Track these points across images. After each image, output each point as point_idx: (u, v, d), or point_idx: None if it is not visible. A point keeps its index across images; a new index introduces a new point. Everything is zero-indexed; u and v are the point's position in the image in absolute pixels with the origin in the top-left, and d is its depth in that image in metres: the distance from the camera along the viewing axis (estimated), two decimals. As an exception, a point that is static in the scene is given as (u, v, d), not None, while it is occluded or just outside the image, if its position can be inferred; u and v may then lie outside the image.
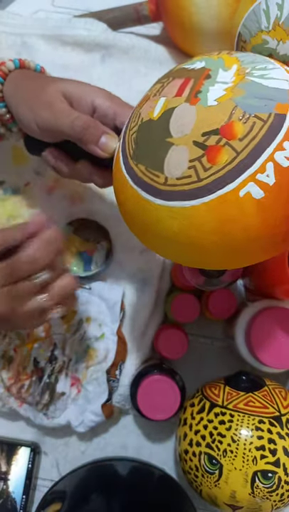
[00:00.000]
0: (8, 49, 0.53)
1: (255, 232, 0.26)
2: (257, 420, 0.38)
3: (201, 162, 0.25)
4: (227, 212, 0.25)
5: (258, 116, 0.25)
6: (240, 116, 0.25)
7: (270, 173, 0.25)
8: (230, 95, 0.25)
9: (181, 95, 0.27)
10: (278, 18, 0.38)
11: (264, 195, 0.25)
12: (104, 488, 0.44)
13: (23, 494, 0.47)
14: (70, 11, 0.56)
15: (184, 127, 0.26)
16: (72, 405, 0.46)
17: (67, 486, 0.45)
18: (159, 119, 0.27)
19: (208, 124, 0.25)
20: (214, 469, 0.38)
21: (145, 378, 0.43)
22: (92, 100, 0.35)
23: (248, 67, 0.27)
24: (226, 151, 0.25)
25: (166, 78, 0.29)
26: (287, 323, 0.41)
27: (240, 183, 0.25)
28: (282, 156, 0.25)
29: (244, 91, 0.25)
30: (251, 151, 0.24)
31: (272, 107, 0.25)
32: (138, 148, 0.28)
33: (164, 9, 0.49)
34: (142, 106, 0.29)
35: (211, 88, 0.26)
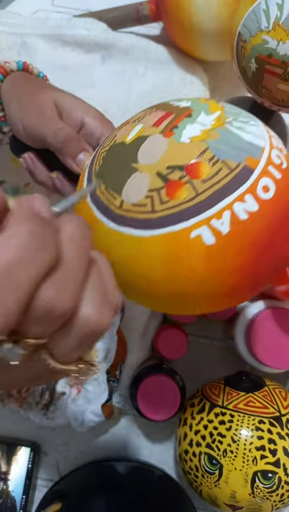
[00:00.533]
0: (8, 49, 0.53)
1: (201, 277, 0.25)
2: (257, 420, 0.38)
3: (160, 194, 0.25)
4: (175, 251, 0.25)
5: (226, 162, 0.25)
6: (209, 158, 0.25)
7: (225, 222, 0.24)
8: (204, 137, 0.26)
9: (158, 126, 0.27)
10: (278, 18, 0.38)
11: (215, 242, 0.25)
12: (104, 488, 0.45)
13: (23, 494, 0.47)
14: (69, 11, 0.56)
15: (152, 156, 0.26)
16: (72, 405, 0.46)
17: (67, 486, 0.45)
18: (131, 144, 0.27)
19: (175, 159, 0.25)
20: (214, 469, 0.38)
21: (145, 378, 0.43)
22: (82, 116, 0.35)
23: (230, 116, 0.27)
24: (186, 188, 0.25)
25: (150, 108, 0.30)
26: (287, 324, 0.41)
27: (194, 224, 0.24)
28: (241, 207, 0.24)
29: (219, 135, 0.26)
30: (212, 195, 0.24)
31: (243, 158, 0.25)
32: (104, 166, 0.28)
33: (164, 9, 0.49)
34: (120, 128, 0.29)
35: (188, 126, 0.26)
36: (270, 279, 0.29)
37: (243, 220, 0.24)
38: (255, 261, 0.26)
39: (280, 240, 0.26)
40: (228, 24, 0.44)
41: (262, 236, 0.25)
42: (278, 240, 0.26)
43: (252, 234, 0.25)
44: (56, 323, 0.16)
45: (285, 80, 0.40)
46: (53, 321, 0.16)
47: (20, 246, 0.15)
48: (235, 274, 0.26)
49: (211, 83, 0.53)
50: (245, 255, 0.25)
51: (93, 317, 0.17)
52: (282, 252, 0.27)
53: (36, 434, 0.49)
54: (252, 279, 0.27)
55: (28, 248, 0.15)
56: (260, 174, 0.25)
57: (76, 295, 0.17)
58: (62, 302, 0.16)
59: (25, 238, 0.15)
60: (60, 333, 0.17)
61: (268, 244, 0.26)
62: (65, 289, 0.16)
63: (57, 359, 0.18)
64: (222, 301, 0.28)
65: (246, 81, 0.42)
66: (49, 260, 0.15)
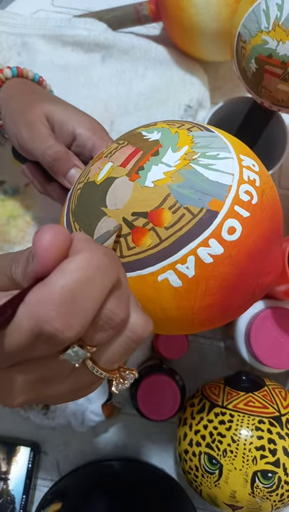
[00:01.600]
0: (8, 49, 0.53)
1: (172, 314, 0.26)
2: (257, 420, 0.38)
3: (126, 240, 0.25)
4: (145, 292, 0.26)
5: (188, 208, 0.25)
6: (171, 205, 0.25)
7: (190, 266, 0.24)
8: (167, 180, 0.25)
9: (126, 166, 0.27)
10: (278, 19, 0.38)
11: (181, 285, 0.25)
12: (104, 487, 0.45)
13: (23, 494, 0.47)
14: (70, 11, 0.56)
15: (118, 201, 0.26)
16: (72, 405, 0.46)
17: (67, 486, 0.45)
18: (100, 185, 0.27)
19: (139, 205, 0.25)
20: (214, 469, 0.38)
21: (145, 378, 0.43)
22: (73, 129, 0.35)
23: (198, 152, 0.26)
24: (150, 235, 0.25)
25: (122, 140, 0.30)
26: (287, 323, 0.41)
27: (160, 269, 0.25)
28: (205, 252, 0.24)
29: (183, 179, 0.25)
30: (175, 241, 0.24)
31: (206, 202, 0.25)
32: (78, 207, 0.28)
33: (164, 10, 0.49)
34: (94, 163, 0.29)
35: (153, 167, 0.26)
36: (244, 309, 0.30)
37: (208, 263, 0.25)
38: (224, 299, 0.26)
39: (249, 277, 0.26)
40: (228, 24, 0.44)
41: (229, 277, 0.25)
42: (247, 278, 0.26)
43: (218, 276, 0.25)
44: (113, 331, 0.19)
45: (285, 80, 0.40)
46: (112, 329, 0.19)
47: (98, 265, 0.18)
48: (205, 310, 0.26)
49: (211, 83, 0.53)
50: (213, 295, 0.26)
51: (140, 323, 0.20)
52: (253, 287, 0.27)
53: (36, 434, 0.49)
54: (223, 313, 0.28)
55: (103, 267, 0.18)
56: (225, 216, 0.25)
57: (128, 306, 0.20)
58: (121, 312, 0.19)
59: (102, 259, 0.18)
60: (111, 342, 0.19)
61: (236, 284, 0.26)
62: (123, 302, 0.19)
63: (101, 367, 0.20)
64: (196, 329, 0.29)
65: (246, 81, 0.42)
66: (115, 278, 0.18)
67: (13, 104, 0.37)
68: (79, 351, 0.18)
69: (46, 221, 0.49)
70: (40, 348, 0.17)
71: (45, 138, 0.34)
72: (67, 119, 0.35)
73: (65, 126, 0.35)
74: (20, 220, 0.49)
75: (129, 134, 0.30)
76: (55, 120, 0.35)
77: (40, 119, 0.35)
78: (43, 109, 0.35)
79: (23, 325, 0.16)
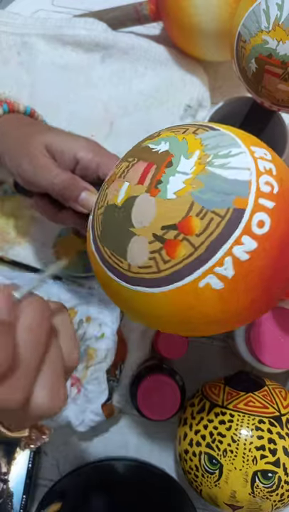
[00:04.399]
0: (8, 49, 0.53)
1: (213, 317, 0.27)
2: (257, 420, 0.38)
3: (161, 255, 0.26)
4: (185, 302, 0.26)
5: (215, 212, 0.25)
6: (198, 211, 0.25)
7: (228, 267, 0.25)
8: (188, 189, 0.25)
9: (143, 183, 0.27)
10: (278, 19, 0.38)
11: (223, 287, 0.25)
12: (104, 487, 0.45)
13: (23, 494, 0.47)
14: (70, 11, 0.56)
15: (144, 219, 0.26)
16: (72, 405, 0.46)
17: (67, 486, 0.46)
18: (123, 207, 0.27)
19: (166, 218, 0.25)
20: (214, 469, 0.38)
21: (145, 378, 0.43)
22: (74, 154, 0.35)
23: (210, 153, 0.26)
24: (183, 245, 0.25)
25: (132, 157, 0.29)
26: (287, 323, 0.41)
27: (199, 276, 0.25)
28: (240, 250, 0.25)
29: (203, 184, 0.25)
30: (209, 246, 0.25)
31: (231, 201, 0.25)
32: (104, 231, 0.29)
33: (164, 10, 0.49)
34: (110, 185, 0.29)
35: (171, 179, 0.26)
36: (283, 296, 0.30)
37: (245, 260, 0.25)
38: (266, 291, 0.27)
39: (285, 264, 0.27)
40: (228, 24, 0.44)
41: (268, 268, 0.26)
42: (284, 266, 0.27)
43: (257, 270, 0.25)
44: (12, 413, 0.18)
45: (285, 80, 0.40)
46: (7, 412, 0.18)
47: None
48: (249, 307, 0.27)
49: (211, 83, 0.53)
50: (256, 289, 0.26)
51: (46, 403, 0.19)
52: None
53: (36, 434, 0.49)
54: (265, 306, 0.28)
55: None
56: (252, 212, 0.25)
57: (28, 389, 0.18)
58: (14, 399, 0.18)
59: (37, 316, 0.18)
60: (12, 415, 0.19)
61: (274, 274, 0.26)
62: (17, 388, 0.18)
63: (9, 430, 0.20)
64: (234, 327, 0.30)
65: (246, 81, 0.42)
66: (2, 365, 0.17)
67: (9, 140, 0.37)
68: None
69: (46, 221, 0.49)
70: None
71: (49, 168, 0.34)
72: (66, 145, 0.35)
73: (66, 152, 0.35)
74: (20, 220, 0.49)
75: (136, 150, 0.30)
76: (55, 149, 0.35)
77: (40, 151, 0.35)
78: (41, 141, 0.35)
79: None
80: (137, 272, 0.27)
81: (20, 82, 0.52)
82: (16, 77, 0.52)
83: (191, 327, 0.28)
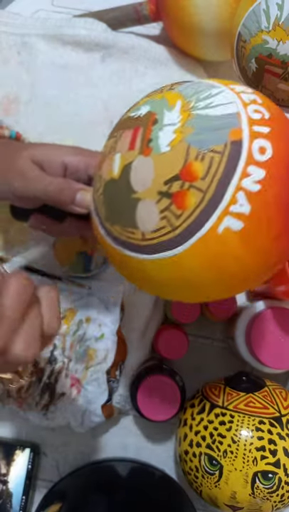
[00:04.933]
0: (8, 49, 0.53)
1: (249, 262, 0.26)
2: (257, 421, 0.38)
3: (171, 210, 0.25)
4: (212, 251, 0.25)
5: (214, 150, 0.24)
6: (196, 155, 0.24)
7: (243, 203, 0.24)
8: (180, 137, 0.25)
9: (134, 148, 0.27)
10: (278, 18, 0.38)
11: (243, 225, 0.24)
12: (104, 488, 0.45)
13: (22, 495, 0.47)
14: (70, 11, 0.56)
15: (145, 181, 0.25)
16: (72, 406, 0.46)
17: (67, 487, 0.45)
18: (120, 178, 0.27)
19: (167, 172, 0.25)
20: (214, 470, 0.38)
21: (145, 379, 0.43)
22: (61, 160, 0.35)
23: (191, 100, 0.26)
24: (191, 193, 0.24)
25: (116, 131, 0.29)
26: (287, 324, 0.41)
27: (216, 220, 0.24)
28: (249, 181, 0.24)
29: (193, 128, 0.25)
30: (217, 187, 0.24)
31: (226, 135, 0.24)
32: (108, 210, 0.28)
33: (164, 9, 0.49)
34: (101, 166, 0.29)
35: (160, 134, 0.26)
36: None
37: (257, 190, 0.24)
38: (288, 221, 0.25)
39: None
40: (228, 24, 0.44)
41: (282, 195, 0.25)
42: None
43: (272, 199, 0.24)
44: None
45: (285, 79, 0.40)
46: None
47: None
48: (276, 244, 0.26)
49: (211, 83, 0.53)
50: (277, 221, 0.25)
51: (21, 353, 0.23)
52: None
53: (36, 435, 0.49)
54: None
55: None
56: (250, 140, 0.24)
57: (8, 339, 0.23)
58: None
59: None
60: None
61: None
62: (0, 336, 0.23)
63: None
64: (272, 271, 0.28)
65: (246, 81, 0.42)
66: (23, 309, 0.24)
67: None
68: None
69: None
70: None
71: (40, 178, 0.35)
72: (52, 154, 0.36)
73: (52, 161, 0.35)
74: (20, 220, 0.49)
75: (118, 125, 0.30)
76: (41, 159, 0.35)
77: (27, 165, 0.35)
78: (26, 155, 0.36)
79: None
80: (152, 238, 0.26)
81: (20, 81, 0.52)
82: (16, 77, 0.52)
83: (229, 279, 0.26)
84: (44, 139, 0.47)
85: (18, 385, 0.27)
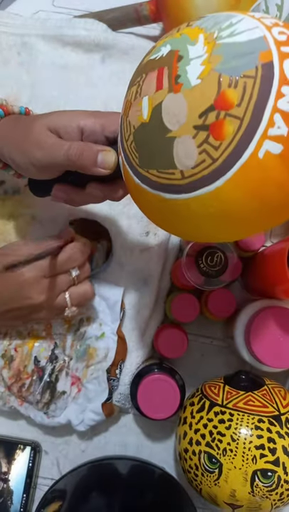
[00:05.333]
0: (8, 49, 0.53)
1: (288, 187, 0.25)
2: (256, 419, 0.38)
3: (210, 143, 0.24)
4: (254, 178, 0.25)
5: (245, 75, 0.24)
6: (229, 82, 0.24)
7: (280, 124, 0.24)
8: (209, 67, 0.24)
9: (162, 87, 0.26)
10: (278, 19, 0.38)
11: (283, 148, 0.24)
12: (104, 486, 0.45)
13: (23, 493, 0.47)
14: (70, 11, 0.57)
15: (179, 117, 0.25)
16: (72, 404, 0.46)
17: (67, 485, 0.46)
18: (151, 120, 0.26)
19: (200, 104, 0.24)
20: (214, 468, 0.38)
21: (145, 377, 0.43)
22: (76, 124, 0.36)
23: (213, 31, 0.26)
24: (228, 122, 0.24)
25: (138, 77, 0.28)
26: (287, 323, 0.41)
27: (256, 145, 0.24)
28: (285, 102, 0.24)
29: (221, 56, 0.24)
30: (254, 111, 0.24)
31: (256, 59, 0.24)
32: (142, 155, 0.28)
33: (164, 10, 0.49)
34: (128, 113, 0.29)
35: (188, 68, 0.25)
36: None
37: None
38: None
39: None
40: (228, 25, 0.44)
41: None
42: None
43: None
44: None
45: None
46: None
47: (75, 251, 0.41)
48: None
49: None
50: None
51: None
52: None
53: (37, 433, 0.49)
54: None
55: (79, 253, 0.41)
56: (280, 60, 0.24)
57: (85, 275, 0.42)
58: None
59: (81, 247, 0.41)
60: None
61: None
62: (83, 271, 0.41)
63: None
64: None
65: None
66: (85, 259, 0.42)
67: (12, 139, 0.37)
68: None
69: (47, 221, 0.49)
70: None
71: (59, 144, 0.35)
72: (66, 119, 0.36)
73: (68, 126, 0.36)
74: (21, 220, 0.49)
75: (139, 70, 0.29)
76: (58, 126, 0.36)
77: (44, 134, 0.35)
78: (41, 124, 0.36)
79: None
80: (192, 175, 0.25)
81: (20, 82, 0.52)
82: (16, 78, 0.52)
83: (272, 207, 0.26)
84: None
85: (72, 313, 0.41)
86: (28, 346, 0.46)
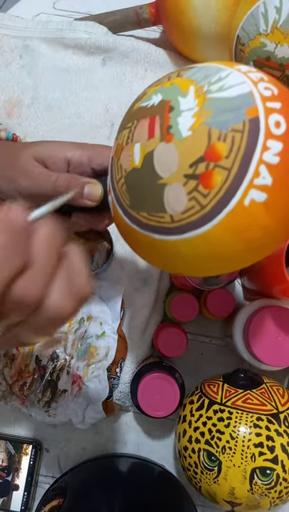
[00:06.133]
0: (10, 52, 0.53)
1: (273, 228, 0.27)
2: (255, 417, 0.39)
3: (199, 191, 0.26)
4: (240, 223, 0.26)
5: (234, 129, 0.25)
6: (218, 136, 0.25)
7: (265, 175, 0.25)
8: (200, 120, 0.26)
9: (154, 136, 0.27)
10: (276, 22, 0.39)
11: (267, 196, 0.26)
12: (104, 484, 0.45)
13: (24, 490, 0.48)
14: (71, 14, 0.57)
15: (170, 165, 0.26)
16: (73, 403, 0.46)
17: (68, 483, 0.46)
18: (143, 166, 0.28)
19: (191, 155, 0.26)
20: (213, 466, 0.38)
21: (145, 376, 0.43)
22: (63, 155, 0.36)
23: (203, 84, 0.27)
24: (217, 173, 0.25)
25: (130, 122, 0.30)
26: (285, 322, 0.41)
27: (242, 194, 0.25)
28: (270, 154, 0.25)
29: (211, 110, 0.26)
30: (241, 163, 0.25)
31: (243, 114, 0.26)
32: (133, 198, 0.29)
33: (164, 13, 0.49)
34: (119, 156, 0.30)
35: (179, 119, 0.27)
36: None
37: (277, 163, 0.25)
38: None
39: None
40: (227, 27, 0.44)
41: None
42: None
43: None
44: (28, 309, 0.20)
45: (283, 82, 0.41)
46: (25, 308, 0.20)
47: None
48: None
49: (210, 85, 0.53)
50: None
51: (58, 304, 0.21)
52: None
53: (38, 431, 0.50)
54: None
55: (5, 249, 0.19)
56: (265, 116, 0.26)
57: (43, 287, 0.20)
58: (31, 294, 0.20)
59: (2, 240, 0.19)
60: (32, 316, 0.21)
61: None
62: (34, 284, 0.20)
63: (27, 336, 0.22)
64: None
65: (245, 83, 0.42)
66: (18, 264, 0.19)
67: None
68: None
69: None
70: None
71: (47, 175, 0.35)
72: (54, 150, 0.36)
73: (55, 157, 0.36)
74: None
75: (130, 115, 0.30)
76: (44, 157, 0.36)
77: (31, 163, 0.35)
78: (28, 154, 0.36)
79: None
80: (181, 219, 0.27)
81: (22, 84, 0.53)
82: (18, 80, 0.53)
83: (256, 248, 0.28)
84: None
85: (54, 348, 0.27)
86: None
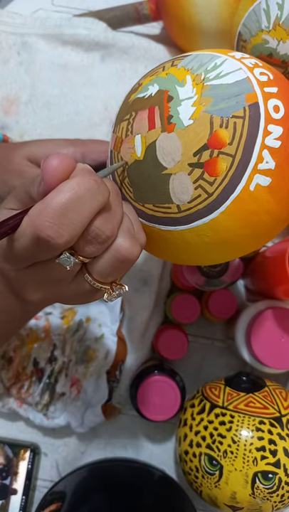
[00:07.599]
0: (8, 48, 0.53)
1: (277, 212, 0.27)
2: (257, 421, 0.38)
3: (204, 179, 0.26)
4: (246, 209, 0.26)
5: (235, 115, 0.26)
6: (220, 123, 0.26)
7: (268, 159, 0.26)
8: (200, 108, 0.26)
9: (155, 127, 0.27)
10: (278, 18, 0.38)
11: (271, 180, 0.26)
12: (104, 488, 0.45)
13: (22, 494, 0.47)
14: (69, 10, 0.56)
15: (174, 155, 0.26)
16: (72, 406, 0.46)
17: (67, 487, 0.45)
18: (146, 158, 0.28)
19: (194, 144, 0.26)
20: (214, 470, 0.38)
21: (145, 379, 0.43)
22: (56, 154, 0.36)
23: (200, 72, 0.28)
24: (222, 159, 0.26)
25: (127, 114, 0.30)
26: (288, 324, 0.41)
27: (247, 179, 0.26)
28: (271, 139, 0.26)
29: (211, 98, 0.26)
30: (244, 149, 0.26)
31: (243, 100, 0.26)
32: (137, 190, 0.29)
33: (164, 9, 0.49)
34: (119, 149, 0.29)
35: (179, 109, 0.27)
36: None
37: (279, 146, 0.26)
38: None
39: None
40: (229, 24, 0.44)
41: None
42: None
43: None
44: (100, 246, 0.23)
45: (286, 79, 0.40)
46: (98, 244, 0.23)
47: (88, 188, 0.22)
48: None
49: (211, 83, 0.53)
50: None
51: (125, 246, 0.24)
52: None
53: (36, 435, 0.49)
54: None
55: (92, 190, 0.22)
56: (264, 101, 0.26)
57: (115, 228, 0.24)
58: (106, 230, 0.23)
59: (92, 184, 0.22)
60: (100, 257, 0.24)
61: None
62: (109, 222, 0.23)
63: (95, 278, 0.25)
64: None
65: (247, 80, 0.42)
66: (103, 201, 0.23)
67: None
68: (70, 257, 0.23)
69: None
70: (40, 253, 0.23)
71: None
72: (46, 149, 0.36)
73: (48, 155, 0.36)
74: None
75: (127, 107, 0.30)
76: (37, 156, 0.36)
77: (24, 164, 0.35)
78: (20, 155, 0.36)
79: (25, 231, 0.22)
80: (188, 209, 0.27)
81: (20, 81, 0.52)
82: (16, 77, 0.52)
83: (262, 232, 0.28)
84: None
85: (120, 295, 0.26)
86: (27, 347, 0.46)
